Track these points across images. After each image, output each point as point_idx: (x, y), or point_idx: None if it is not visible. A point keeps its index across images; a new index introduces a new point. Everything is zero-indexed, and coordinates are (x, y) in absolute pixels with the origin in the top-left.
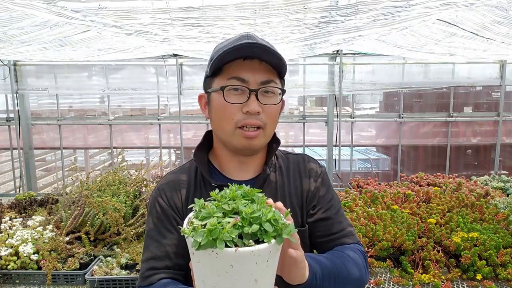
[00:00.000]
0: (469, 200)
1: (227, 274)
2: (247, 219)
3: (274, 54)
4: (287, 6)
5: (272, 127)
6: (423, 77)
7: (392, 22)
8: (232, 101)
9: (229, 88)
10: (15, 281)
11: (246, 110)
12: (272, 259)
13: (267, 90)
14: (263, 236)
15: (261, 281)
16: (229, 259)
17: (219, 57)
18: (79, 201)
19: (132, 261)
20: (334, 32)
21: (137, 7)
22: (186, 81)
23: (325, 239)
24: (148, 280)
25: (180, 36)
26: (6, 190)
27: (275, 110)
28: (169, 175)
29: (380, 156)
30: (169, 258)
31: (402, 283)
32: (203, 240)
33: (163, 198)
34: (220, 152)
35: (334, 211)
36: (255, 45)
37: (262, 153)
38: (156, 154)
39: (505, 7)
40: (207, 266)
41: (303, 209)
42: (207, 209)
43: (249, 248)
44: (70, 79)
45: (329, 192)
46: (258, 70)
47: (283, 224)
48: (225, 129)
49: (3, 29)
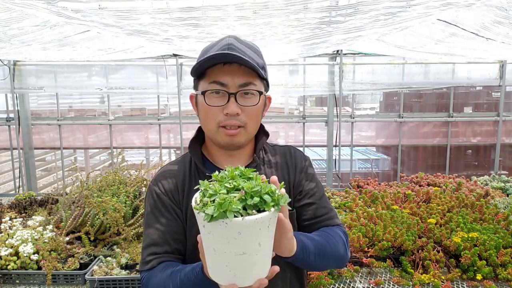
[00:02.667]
0: (469, 200)
1: (236, 241)
2: (249, 193)
3: (247, 62)
4: (287, 6)
5: (253, 125)
6: (423, 77)
7: (392, 22)
8: (213, 103)
9: (210, 92)
10: (15, 281)
11: (226, 112)
12: (272, 225)
13: (246, 92)
14: (263, 206)
15: (263, 244)
16: (237, 227)
17: (198, 64)
18: (79, 201)
19: (132, 261)
20: (334, 32)
21: (137, 7)
22: (186, 80)
23: (311, 221)
24: (150, 264)
25: (180, 36)
26: (6, 190)
27: (255, 110)
28: (165, 167)
29: (380, 156)
30: (168, 244)
31: (402, 283)
32: (215, 213)
33: (160, 188)
34: (210, 146)
35: (318, 197)
36: (229, 55)
37: (249, 147)
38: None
39: (505, 7)
40: (218, 236)
41: (291, 194)
42: (214, 187)
43: (254, 216)
44: (70, 79)
45: (313, 180)
46: (237, 74)
47: (279, 195)
48: (209, 128)
49: (3, 29)
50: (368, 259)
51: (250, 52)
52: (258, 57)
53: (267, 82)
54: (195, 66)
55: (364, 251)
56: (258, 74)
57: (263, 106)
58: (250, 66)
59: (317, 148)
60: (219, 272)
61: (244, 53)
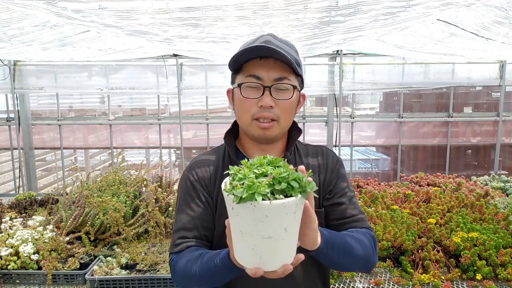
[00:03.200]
0: (469, 200)
1: (263, 224)
2: (277, 179)
3: (284, 56)
4: (287, 6)
5: (286, 119)
6: (423, 77)
7: (392, 22)
8: (248, 96)
9: (246, 85)
10: (15, 281)
11: (260, 104)
12: (298, 212)
13: (280, 86)
14: (291, 191)
15: (289, 230)
16: (264, 210)
17: (235, 57)
18: (79, 201)
19: (132, 261)
20: (334, 32)
21: (137, 7)
22: (186, 80)
23: (339, 221)
24: (179, 247)
25: (180, 36)
26: (6, 190)
27: (289, 104)
28: (200, 156)
29: (380, 156)
30: (197, 230)
31: (402, 283)
32: (243, 194)
33: (193, 175)
34: (244, 139)
35: (348, 198)
36: (266, 48)
37: (282, 142)
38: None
39: (505, 7)
40: (245, 218)
41: (320, 193)
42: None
43: (281, 200)
44: (70, 79)
45: (344, 181)
46: (272, 68)
47: (307, 182)
48: (243, 120)
49: (3, 29)
50: None
51: (286, 47)
52: (294, 53)
53: (302, 80)
54: (231, 59)
55: None
56: (293, 69)
57: (296, 102)
58: (285, 60)
59: None
60: (245, 255)
61: (280, 48)
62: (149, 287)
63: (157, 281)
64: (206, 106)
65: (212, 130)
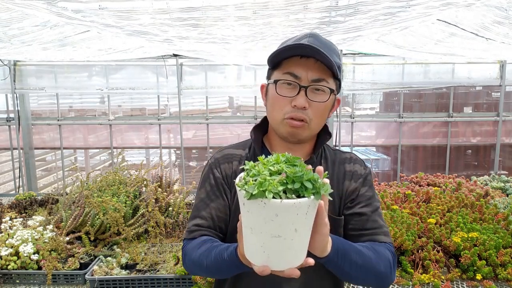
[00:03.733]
0: (469, 200)
1: (273, 222)
2: (291, 178)
3: (326, 57)
4: (287, 6)
5: (317, 122)
6: (423, 77)
7: (392, 22)
8: (283, 94)
9: (282, 82)
10: (15, 281)
11: (294, 104)
12: (310, 213)
13: (317, 88)
14: (304, 192)
15: (300, 231)
16: (275, 208)
17: (276, 53)
18: (79, 201)
19: (132, 261)
20: (334, 32)
21: (137, 7)
22: (186, 81)
23: (357, 232)
24: (192, 234)
25: (180, 36)
26: (6, 190)
27: (323, 107)
28: (226, 149)
29: (380, 156)
30: (212, 220)
31: (402, 283)
32: (254, 191)
33: (216, 166)
34: (272, 136)
35: (371, 209)
36: (310, 47)
37: (310, 144)
38: (156, 154)
39: (505, 7)
40: (256, 215)
41: (342, 201)
42: (257, 168)
43: (292, 200)
44: (70, 79)
45: (370, 191)
46: (312, 68)
47: (321, 183)
48: (275, 118)
49: (3, 29)
50: None
51: (328, 50)
52: (336, 56)
53: (340, 84)
54: (272, 54)
55: None
56: (333, 72)
57: (331, 105)
58: (326, 62)
59: None
60: (254, 252)
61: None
62: (149, 287)
63: (157, 281)
64: (206, 106)
65: (212, 130)
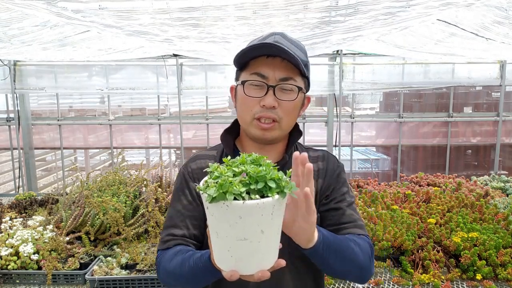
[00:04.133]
0: (469, 200)
1: (237, 225)
2: (254, 178)
3: (292, 56)
4: (287, 6)
5: (288, 121)
6: (423, 77)
7: (392, 22)
8: (251, 94)
9: (250, 83)
10: (15, 281)
11: (263, 104)
12: (277, 213)
13: (285, 87)
14: (268, 192)
15: (267, 232)
16: (238, 210)
17: (241, 53)
18: (79, 201)
19: (132, 261)
20: (334, 32)
21: (137, 7)
22: (186, 81)
23: (334, 227)
24: (166, 244)
25: (180, 36)
26: (6, 190)
27: (292, 105)
28: (198, 154)
29: (380, 156)
30: (187, 228)
31: (402, 283)
32: (215, 193)
33: (188, 172)
34: (244, 138)
35: (346, 204)
36: (275, 46)
37: (282, 143)
38: (156, 154)
39: (504, 7)
40: (219, 218)
41: (316, 198)
42: (219, 170)
43: (255, 201)
44: (70, 79)
45: (344, 187)
46: (278, 67)
47: (286, 182)
48: (244, 119)
49: (3, 29)
50: None
51: (294, 48)
52: (303, 54)
53: (308, 82)
54: (237, 55)
55: None
56: (300, 70)
57: (300, 104)
58: (292, 60)
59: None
60: (222, 257)
61: (289, 48)
62: (149, 287)
63: (157, 281)
64: (206, 106)
65: (212, 130)
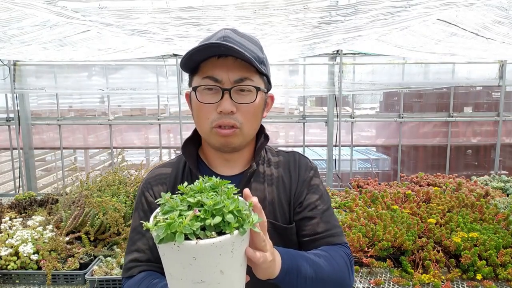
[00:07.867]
0: (469, 200)
1: (192, 266)
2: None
3: (243, 54)
4: (287, 6)
5: (250, 126)
6: (423, 77)
7: (392, 22)
8: (206, 101)
9: (203, 88)
10: (15, 281)
11: (220, 110)
12: (238, 250)
13: (241, 89)
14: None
15: (227, 272)
16: (191, 251)
17: (187, 56)
18: (79, 201)
19: None
20: (334, 32)
21: (137, 7)
22: (186, 81)
23: (311, 238)
24: (130, 272)
25: (180, 35)
26: (6, 190)
27: (252, 108)
28: (157, 169)
29: (380, 156)
30: (151, 252)
31: (402, 283)
32: (163, 234)
33: (149, 191)
34: (206, 148)
35: (320, 211)
36: (222, 45)
37: (248, 150)
38: (156, 154)
39: (505, 7)
40: (172, 259)
41: (291, 206)
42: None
43: (211, 240)
44: (70, 79)
45: (317, 192)
46: (232, 68)
47: (246, 215)
48: (203, 128)
49: (3, 29)
50: (368, 259)
51: (248, 44)
52: (258, 50)
53: (268, 79)
54: (184, 58)
55: (364, 251)
56: (257, 68)
57: (262, 105)
58: (246, 59)
59: (317, 148)
60: None
61: (241, 45)
62: None
63: None
64: None
65: None
